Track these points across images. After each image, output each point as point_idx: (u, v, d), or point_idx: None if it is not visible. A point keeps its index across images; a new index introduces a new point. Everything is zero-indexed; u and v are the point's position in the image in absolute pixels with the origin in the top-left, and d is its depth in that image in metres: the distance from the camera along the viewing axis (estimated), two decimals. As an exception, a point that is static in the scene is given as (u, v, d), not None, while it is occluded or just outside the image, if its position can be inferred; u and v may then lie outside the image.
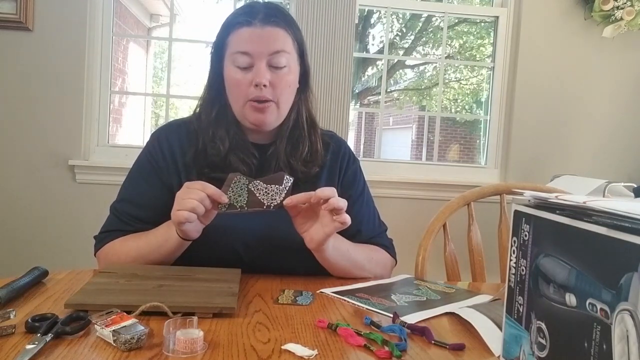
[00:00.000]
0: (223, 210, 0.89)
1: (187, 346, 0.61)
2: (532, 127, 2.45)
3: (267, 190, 0.90)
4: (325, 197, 0.88)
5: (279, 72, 1.01)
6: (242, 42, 1.00)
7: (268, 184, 0.90)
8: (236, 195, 0.89)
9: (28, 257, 2.16)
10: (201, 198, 0.85)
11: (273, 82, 1.00)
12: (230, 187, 0.89)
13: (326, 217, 0.91)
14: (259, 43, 0.99)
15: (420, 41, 6.00)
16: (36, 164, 2.24)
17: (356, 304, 0.84)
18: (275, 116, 1.04)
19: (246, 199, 0.89)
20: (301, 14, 2.24)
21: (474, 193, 1.32)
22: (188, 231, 0.90)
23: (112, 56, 2.37)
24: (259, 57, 0.99)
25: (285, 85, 1.02)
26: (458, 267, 1.29)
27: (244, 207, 0.89)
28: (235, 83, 1.02)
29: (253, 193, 0.89)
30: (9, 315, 0.69)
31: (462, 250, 1.30)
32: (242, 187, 0.89)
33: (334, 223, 0.90)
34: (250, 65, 1.00)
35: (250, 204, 0.89)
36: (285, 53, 1.01)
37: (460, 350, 0.68)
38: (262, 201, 0.89)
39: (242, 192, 0.89)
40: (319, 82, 2.26)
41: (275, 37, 1.01)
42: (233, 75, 1.01)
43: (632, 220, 0.42)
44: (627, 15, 2.26)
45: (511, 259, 0.60)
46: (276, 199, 0.90)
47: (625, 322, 0.41)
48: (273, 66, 1.00)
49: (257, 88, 0.99)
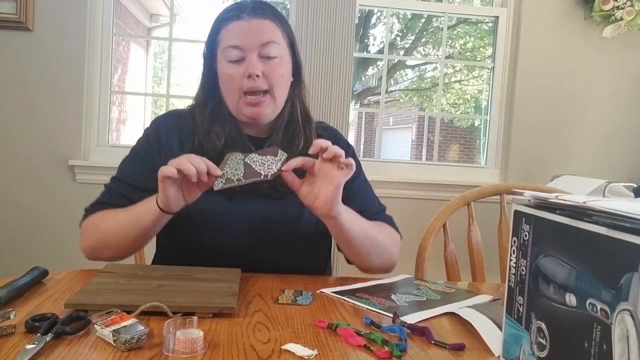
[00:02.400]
0: (220, 185, 0.89)
1: (187, 346, 0.61)
2: (532, 127, 2.45)
3: (262, 161, 0.91)
4: (323, 146, 0.87)
5: (270, 62, 1.02)
6: (233, 36, 1.02)
7: (263, 156, 0.91)
8: (233, 170, 0.90)
9: (28, 257, 2.15)
10: (197, 163, 0.85)
11: (266, 73, 1.01)
12: (227, 163, 0.90)
13: (330, 172, 0.89)
14: (248, 35, 1.01)
15: (420, 41, 6.00)
16: (36, 164, 2.24)
17: (356, 304, 0.84)
18: (271, 108, 1.04)
19: (243, 171, 0.90)
20: (301, 14, 2.24)
21: (474, 193, 1.32)
22: (169, 198, 0.87)
23: (112, 56, 2.37)
24: (250, 49, 1.01)
25: (278, 75, 1.03)
26: (458, 267, 1.28)
27: (241, 179, 0.90)
28: (228, 77, 1.02)
29: (249, 165, 0.90)
30: (9, 315, 0.69)
31: (462, 250, 1.30)
32: (238, 161, 0.90)
33: (339, 172, 0.88)
34: (242, 58, 1.01)
35: (248, 175, 0.90)
36: (275, 44, 1.03)
37: (460, 350, 0.68)
38: (259, 171, 0.90)
39: (238, 167, 0.90)
40: (319, 82, 2.26)
41: (264, 29, 1.03)
42: (226, 70, 1.02)
43: (632, 220, 0.42)
44: (627, 15, 2.26)
45: (511, 259, 0.60)
46: (272, 169, 0.91)
47: (625, 322, 0.41)
48: (264, 57, 1.02)
49: (250, 79, 1.00)
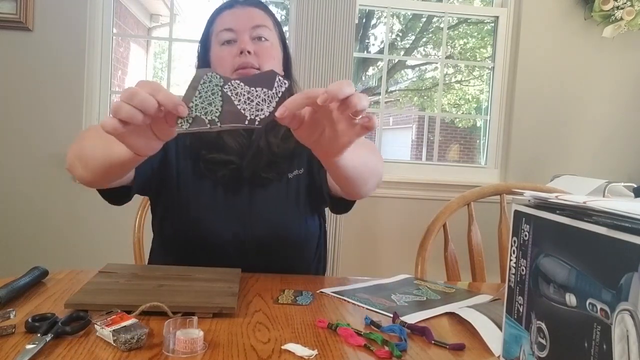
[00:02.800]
0: (184, 127, 0.61)
1: (187, 346, 0.61)
2: (532, 127, 2.45)
3: (250, 95, 0.63)
4: (341, 95, 0.58)
5: (262, 43, 1.04)
6: (225, 21, 1.06)
7: (252, 87, 0.63)
8: (205, 102, 0.62)
9: (28, 257, 2.16)
10: (145, 105, 0.59)
11: (257, 52, 1.03)
12: (197, 89, 0.62)
13: (343, 121, 0.63)
14: (241, 19, 1.04)
15: (420, 42, 6.00)
16: (36, 164, 2.24)
17: (356, 304, 0.84)
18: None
19: (219, 108, 0.62)
20: (301, 14, 2.24)
21: (474, 193, 1.32)
22: (134, 147, 0.65)
23: (112, 56, 2.37)
24: (242, 31, 1.03)
25: (269, 56, 1.04)
26: (458, 267, 1.28)
27: (215, 122, 0.62)
28: (220, 59, 1.04)
29: (230, 100, 0.62)
30: (9, 315, 0.69)
31: (462, 250, 1.30)
32: (214, 90, 0.62)
33: (354, 128, 0.63)
34: (234, 39, 1.03)
35: (225, 116, 0.62)
36: (266, 28, 1.06)
37: (460, 350, 0.68)
38: (242, 112, 0.62)
39: (213, 99, 0.62)
40: (319, 82, 2.26)
41: (256, 14, 1.06)
42: (218, 53, 1.04)
43: (632, 220, 0.42)
44: (627, 15, 2.26)
45: (511, 259, 0.60)
46: (263, 109, 0.63)
47: (625, 322, 0.41)
48: (256, 38, 1.04)
49: (242, 55, 1.01)
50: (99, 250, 2.26)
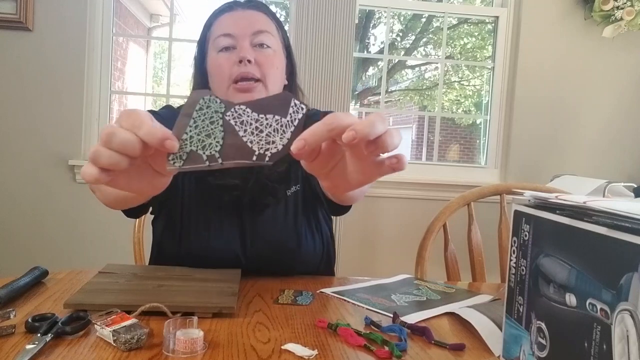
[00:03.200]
0: (177, 165, 0.50)
1: (187, 346, 0.61)
2: (532, 127, 2.45)
3: (258, 124, 0.50)
4: (372, 135, 0.47)
5: (263, 51, 0.96)
6: (224, 26, 0.98)
7: (261, 114, 0.51)
8: (202, 134, 0.50)
9: (28, 257, 2.16)
10: (127, 146, 0.48)
11: (258, 60, 0.95)
12: (192, 117, 0.50)
13: (367, 160, 0.50)
14: (241, 24, 0.96)
15: (421, 42, 6.00)
16: (36, 164, 2.24)
17: (356, 304, 0.84)
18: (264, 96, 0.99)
19: (220, 141, 0.50)
20: (301, 14, 2.24)
21: (474, 193, 1.32)
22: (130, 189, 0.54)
23: (112, 56, 2.37)
24: (242, 37, 0.95)
25: (271, 65, 0.96)
26: (458, 267, 1.28)
27: (216, 158, 0.50)
28: (217, 67, 0.96)
29: (233, 130, 0.50)
30: (9, 315, 0.69)
31: (462, 250, 1.30)
32: (214, 118, 0.50)
33: (379, 168, 0.51)
34: (233, 46, 0.96)
35: (228, 150, 0.50)
36: (269, 34, 0.98)
37: (460, 350, 0.68)
38: (248, 145, 0.50)
39: (213, 129, 0.50)
40: (319, 82, 2.26)
41: (257, 18, 0.99)
42: (216, 60, 0.97)
43: (632, 220, 0.42)
44: (627, 15, 2.26)
45: (511, 259, 0.60)
46: (275, 142, 0.50)
47: (625, 322, 0.41)
48: (257, 45, 0.96)
49: (241, 64, 0.93)
50: (99, 250, 2.26)
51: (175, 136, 0.49)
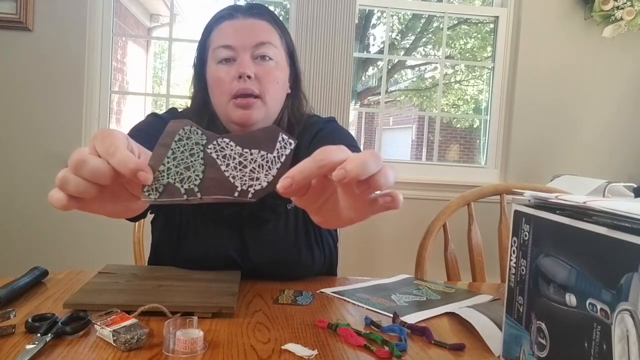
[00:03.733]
0: (152, 197, 0.48)
1: (187, 346, 0.61)
2: (532, 127, 2.45)
3: (242, 159, 0.48)
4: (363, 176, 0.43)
5: (265, 64, 0.93)
6: (224, 36, 0.94)
7: (246, 148, 0.48)
8: (180, 166, 0.48)
9: (28, 257, 2.16)
10: (97, 175, 0.46)
11: (259, 75, 0.92)
12: (170, 148, 0.48)
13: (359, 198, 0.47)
14: (241, 34, 0.92)
15: (420, 42, 6.01)
16: (36, 164, 2.24)
17: (356, 304, 0.84)
18: (262, 114, 0.94)
19: (200, 174, 0.48)
20: (301, 14, 2.24)
21: (474, 193, 1.32)
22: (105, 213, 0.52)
23: (112, 56, 2.37)
24: (243, 49, 0.92)
25: (272, 80, 0.94)
26: (458, 267, 1.28)
27: (194, 192, 0.48)
28: (216, 80, 0.94)
29: (214, 164, 0.48)
30: (9, 315, 0.69)
31: (462, 250, 1.30)
32: (194, 150, 0.48)
33: (372, 207, 0.47)
34: (233, 58, 0.93)
35: (208, 184, 0.48)
36: (271, 45, 0.94)
37: (460, 350, 0.68)
38: (230, 180, 0.48)
39: (192, 161, 0.48)
40: (319, 82, 2.26)
41: (259, 28, 0.94)
42: (215, 73, 0.94)
43: (632, 220, 0.42)
44: (627, 15, 2.26)
45: (511, 259, 0.60)
46: (260, 178, 0.48)
47: (625, 322, 0.41)
48: (258, 57, 0.93)
49: (240, 80, 0.91)
50: (99, 250, 2.26)
51: (152, 167, 0.47)
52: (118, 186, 0.50)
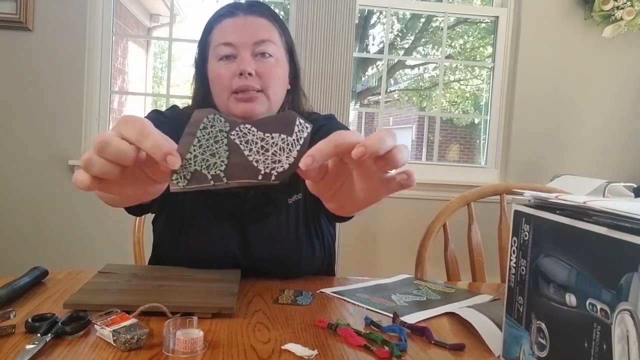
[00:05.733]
0: (181, 185, 0.49)
1: (187, 346, 0.61)
2: (532, 127, 2.45)
3: (264, 143, 0.50)
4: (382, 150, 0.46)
5: (265, 61, 0.95)
6: (225, 33, 0.95)
7: (267, 133, 0.50)
8: (206, 153, 0.50)
9: (28, 257, 2.16)
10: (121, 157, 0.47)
11: (259, 72, 0.93)
12: (196, 136, 0.50)
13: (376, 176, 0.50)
14: (242, 32, 0.94)
15: (420, 41, 6.01)
16: (36, 164, 2.24)
17: (356, 304, 0.84)
18: (265, 107, 0.96)
19: (225, 160, 0.50)
20: (301, 14, 2.24)
21: (474, 193, 1.32)
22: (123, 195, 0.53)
23: (112, 56, 2.37)
24: (243, 47, 0.93)
25: (273, 75, 0.95)
26: (458, 267, 1.28)
27: (221, 177, 0.50)
28: (217, 77, 0.95)
29: (238, 149, 0.50)
30: (9, 315, 0.69)
31: (462, 250, 1.30)
32: (218, 137, 0.50)
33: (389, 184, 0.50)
34: (233, 55, 0.94)
35: (233, 170, 0.50)
36: (271, 43, 0.95)
37: (460, 350, 0.68)
38: (254, 164, 0.50)
39: (217, 148, 0.50)
40: (319, 82, 2.26)
41: (259, 26, 0.95)
42: (216, 70, 0.95)
43: (632, 220, 0.42)
44: (627, 15, 2.26)
45: (511, 259, 0.60)
46: (282, 160, 0.50)
47: (625, 322, 0.41)
48: (258, 55, 0.94)
49: (241, 77, 0.92)
50: (99, 250, 2.26)
51: (180, 154, 0.49)
52: (138, 169, 0.52)
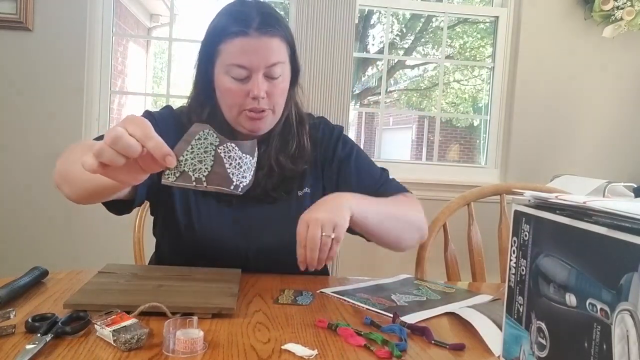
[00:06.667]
0: (170, 179, 0.62)
1: (187, 346, 0.61)
2: (532, 127, 2.45)
3: (240, 161, 0.64)
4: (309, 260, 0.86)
5: (274, 81, 1.00)
6: (238, 55, 0.96)
7: (244, 153, 0.65)
8: (195, 159, 0.62)
9: (28, 257, 2.16)
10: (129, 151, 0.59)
11: (269, 92, 0.99)
12: (190, 144, 0.62)
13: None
14: (256, 56, 0.96)
15: (420, 41, 6.01)
16: (36, 164, 2.24)
17: (356, 304, 0.84)
18: (270, 122, 1.03)
19: (209, 167, 0.62)
20: (301, 14, 2.24)
21: (474, 193, 1.32)
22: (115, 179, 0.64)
23: (112, 56, 2.37)
24: (256, 70, 0.97)
25: (280, 94, 1.02)
26: (458, 267, 1.28)
27: (202, 181, 0.62)
28: (228, 92, 0.99)
29: (221, 161, 0.63)
30: (9, 315, 0.69)
31: (462, 250, 1.30)
32: (208, 148, 0.63)
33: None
34: (247, 77, 0.97)
35: (213, 177, 0.62)
36: (281, 64, 1.00)
37: (460, 350, 0.68)
38: (230, 176, 0.63)
39: (205, 157, 0.62)
40: (319, 82, 2.26)
41: (272, 49, 0.98)
42: (228, 86, 0.98)
43: (632, 220, 0.42)
44: (627, 15, 2.26)
45: (511, 259, 0.60)
46: (247, 177, 0.65)
47: (625, 322, 0.41)
48: (269, 77, 0.99)
49: (254, 100, 0.97)
50: (99, 250, 2.26)
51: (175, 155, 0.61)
52: (133, 161, 0.61)
